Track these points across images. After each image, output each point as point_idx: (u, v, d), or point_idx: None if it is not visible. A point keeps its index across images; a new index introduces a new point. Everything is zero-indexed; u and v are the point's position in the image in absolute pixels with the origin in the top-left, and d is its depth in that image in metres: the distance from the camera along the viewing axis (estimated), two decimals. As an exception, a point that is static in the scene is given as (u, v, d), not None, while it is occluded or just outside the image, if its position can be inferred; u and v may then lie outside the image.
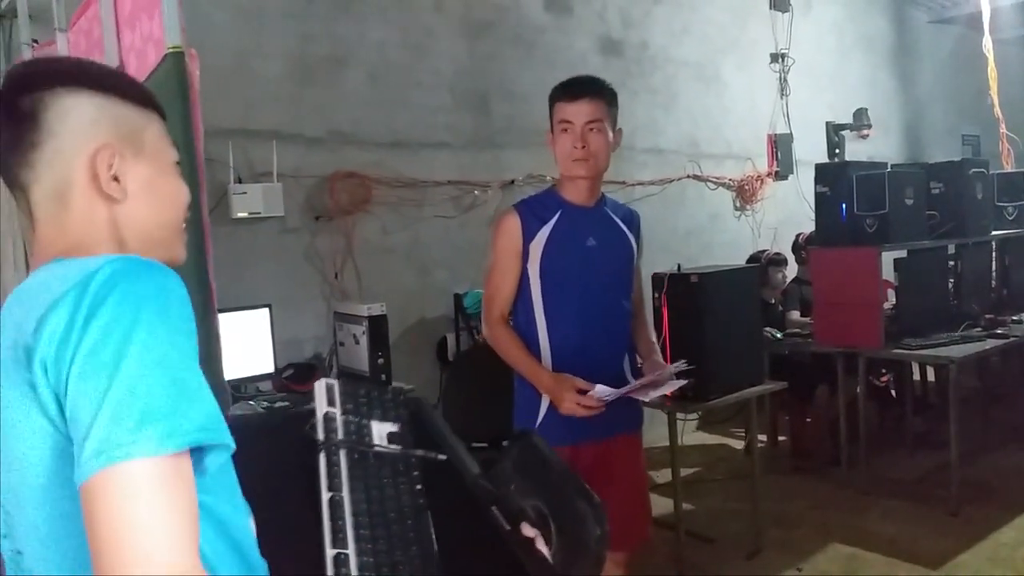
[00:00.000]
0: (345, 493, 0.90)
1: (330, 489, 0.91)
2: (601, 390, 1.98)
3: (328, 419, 1.00)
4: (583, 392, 1.98)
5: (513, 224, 2.13)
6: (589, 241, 2.14)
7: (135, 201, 0.87)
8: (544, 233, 2.12)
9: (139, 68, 1.77)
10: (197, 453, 0.73)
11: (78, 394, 0.70)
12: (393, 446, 0.99)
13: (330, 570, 0.83)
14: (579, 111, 2.08)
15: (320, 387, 1.06)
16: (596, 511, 1.06)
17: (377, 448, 0.98)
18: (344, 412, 1.02)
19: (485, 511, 1.01)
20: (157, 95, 0.95)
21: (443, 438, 1.05)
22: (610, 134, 2.12)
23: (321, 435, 0.97)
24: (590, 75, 2.19)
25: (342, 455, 0.94)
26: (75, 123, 0.84)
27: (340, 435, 0.97)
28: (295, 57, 3.70)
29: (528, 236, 2.12)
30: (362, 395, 1.08)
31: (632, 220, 2.27)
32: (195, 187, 1.57)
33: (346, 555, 0.83)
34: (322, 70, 3.78)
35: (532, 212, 2.15)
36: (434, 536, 0.91)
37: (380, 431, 1.01)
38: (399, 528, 0.88)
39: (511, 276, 2.15)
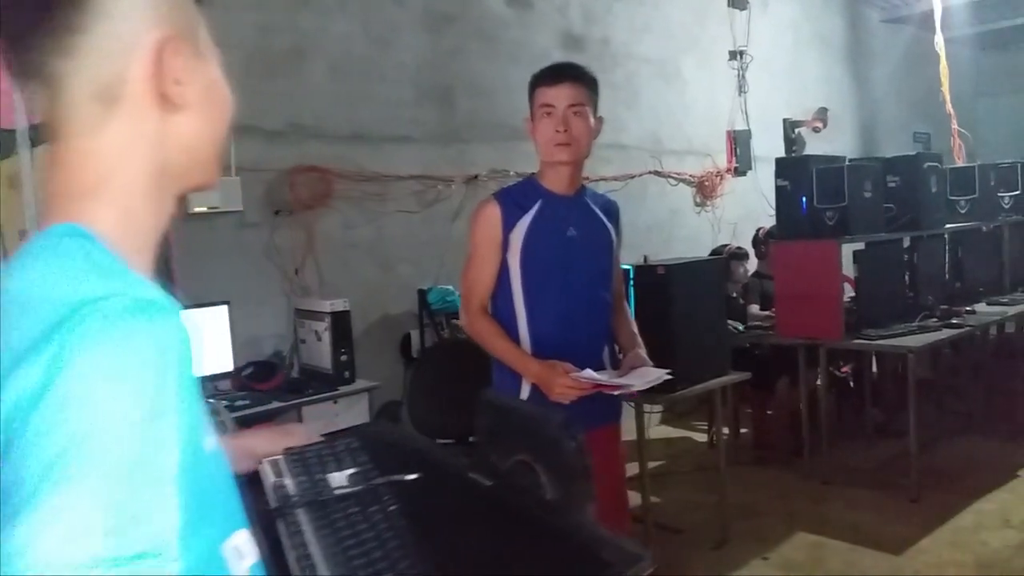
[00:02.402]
0: (313, 547, 0.86)
1: (294, 548, 0.86)
2: (589, 373, 1.96)
3: (278, 487, 0.97)
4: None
5: (493, 213, 2.09)
6: (570, 231, 2.12)
7: (189, 111, 0.73)
8: (525, 222, 2.09)
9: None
10: None
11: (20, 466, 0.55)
12: (355, 486, 0.96)
13: None
14: (561, 94, 2.05)
15: (264, 466, 1.03)
16: (562, 428, 1.04)
17: (337, 492, 0.94)
18: (295, 476, 0.99)
19: (489, 499, 0.98)
20: None
21: (418, 452, 1.03)
22: (592, 119, 2.11)
23: (275, 504, 0.93)
24: (572, 61, 2.18)
25: (300, 513, 0.91)
26: (132, 5, 0.69)
27: (295, 497, 0.94)
28: (255, 49, 3.61)
29: (508, 226, 2.08)
30: (309, 456, 1.05)
31: (611, 210, 2.25)
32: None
33: None
34: (283, 62, 3.71)
35: (513, 201, 2.12)
36: (418, 547, 0.87)
37: (339, 478, 0.98)
38: (380, 551, 0.85)
39: (491, 266, 2.11)
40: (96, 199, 0.68)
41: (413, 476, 0.97)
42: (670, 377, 2.14)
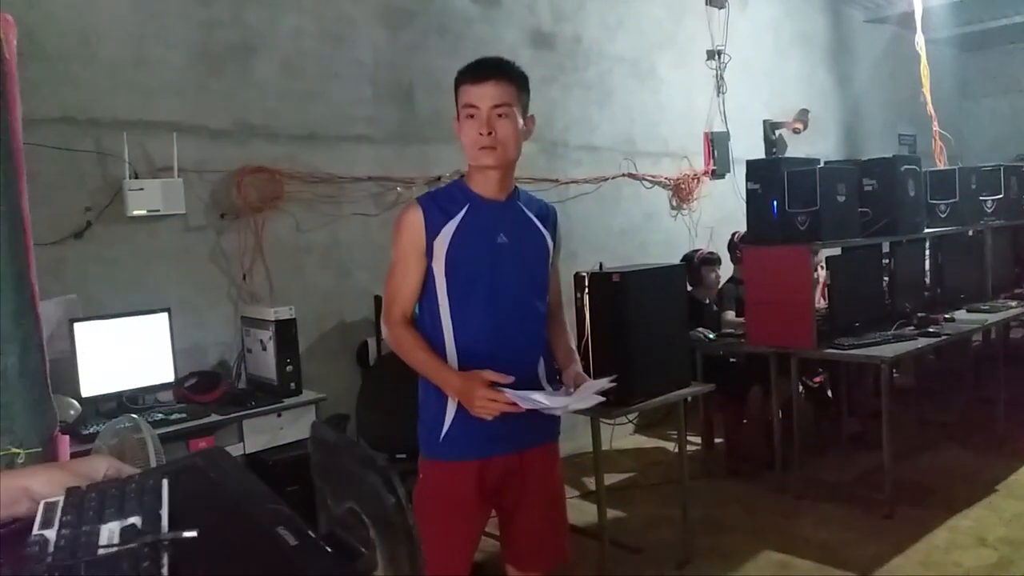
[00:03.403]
0: None
1: None
2: (515, 394, 1.82)
3: (34, 544, 0.80)
4: (496, 388, 1.82)
5: (415, 219, 1.95)
6: (500, 237, 1.97)
7: None
8: (450, 228, 1.94)
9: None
10: None
11: None
12: (123, 543, 0.79)
13: None
14: (485, 94, 1.90)
15: (40, 510, 0.87)
16: (383, 474, 0.89)
17: (100, 551, 0.78)
18: (62, 527, 0.83)
19: (284, 564, 0.83)
20: None
21: (232, 496, 0.88)
22: (520, 120, 1.95)
23: (24, 566, 0.77)
24: (498, 56, 2.01)
25: None
26: None
27: (46, 558, 0.77)
28: (199, 45, 3.46)
29: (432, 231, 1.94)
30: (92, 499, 0.89)
31: (548, 215, 2.10)
32: (9, 176, 1.36)
33: None
34: (229, 59, 3.55)
35: (437, 206, 1.97)
36: None
37: (110, 531, 0.82)
38: None
39: (413, 274, 1.97)
40: None
41: (191, 534, 0.81)
42: (613, 385, 1.99)
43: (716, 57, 5.98)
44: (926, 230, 4.71)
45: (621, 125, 5.35)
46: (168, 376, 3.20)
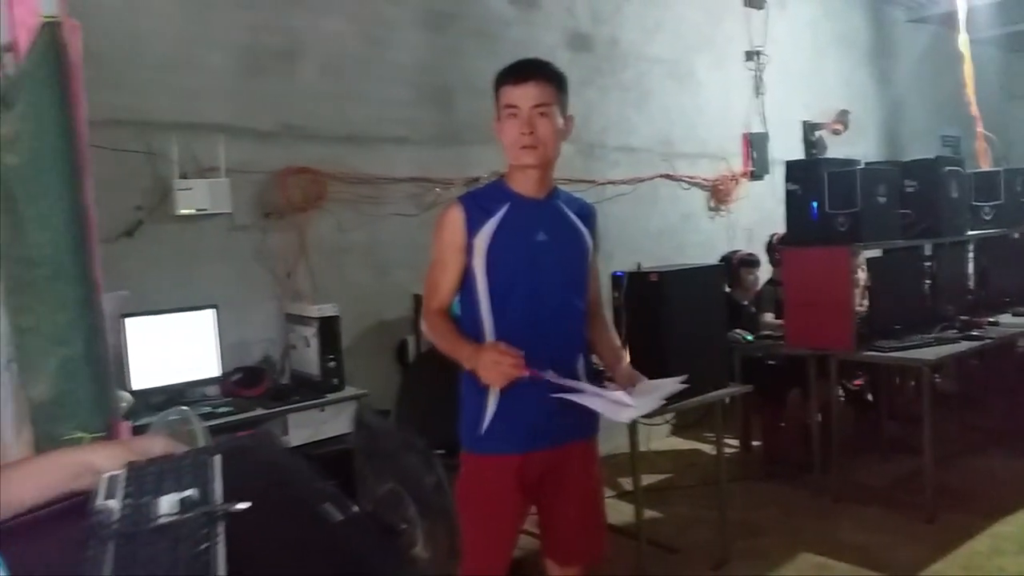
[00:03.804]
0: None
1: None
2: (553, 375, 1.85)
3: (98, 512, 0.86)
4: (533, 372, 1.84)
5: (456, 217, 2.00)
6: (539, 236, 2.01)
7: None
8: (490, 227, 1.99)
9: (29, 44, 1.62)
10: None
11: None
12: (179, 515, 0.85)
13: None
14: (526, 95, 1.94)
15: (102, 483, 0.93)
16: (424, 455, 0.93)
17: (159, 521, 0.84)
18: (123, 497, 0.88)
19: (329, 538, 0.87)
20: (34, 70, 0.76)
21: (280, 475, 0.93)
22: (559, 120, 1.99)
23: (87, 532, 0.83)
24: (538, 58, 2.06)
25: (108, 550, 0.80)
26: None
27: (111, 525, 0.83)
28: (244, 48, 3.55)
29: (473, 230, 1.99)
30: (151, 473, 0.94)
31: (587, 214, 2.13)
32: (76, 176, 1.43)
33: None
34: (274, 62, 3.64)
35: (477, 204, 2.02)
36: None
37: (168, 503, 0.87)
38: None
39: (452, 271, 2.02)
40: None
41: (244, 505, 0.86)
42: (685, 387, 2.01)
43: (755, 58, 5.95)
44: (969, 232, 4.64)
45: (659, 126, 5.35)
46: (215, 371, 3.29)
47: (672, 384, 1.98)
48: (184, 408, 2.88)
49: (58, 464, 1.01)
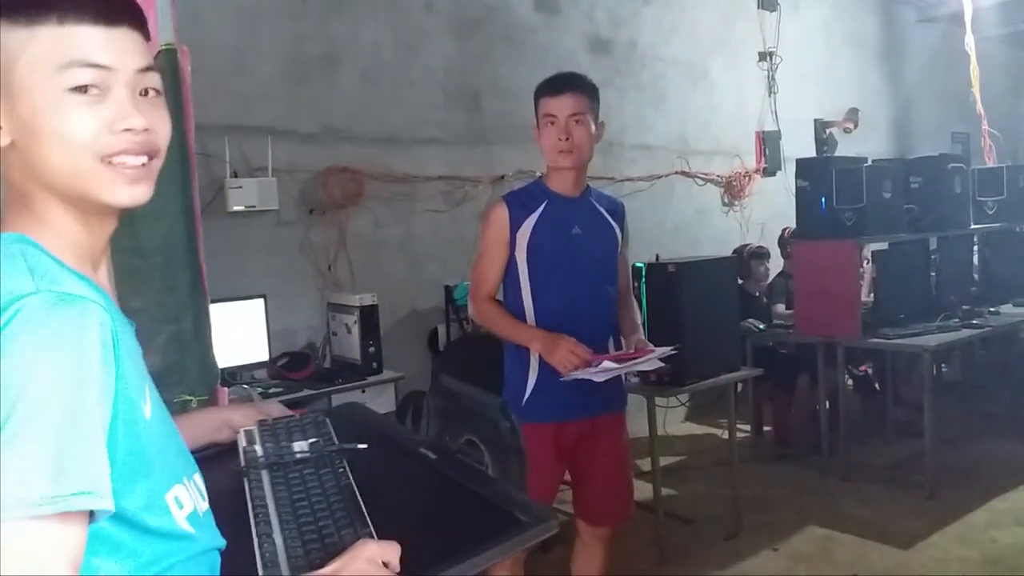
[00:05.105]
0: (269, 501, 1.01)
1: (253, 502, 1.00)
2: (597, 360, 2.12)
3: (248, 452, 1.13)
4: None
5: (501, 214, 2.26)
6: (574, 229, 2.27)
7: (19, 144, 0.79)
8: (531, 222, 2.25)
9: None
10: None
11: None
12: (313, 453, 1.13)
13: (260, 565, 0.89)
14: (563, 105, 2.20)
15: (240, 435, 1.20)
16: (500, 411, 1.19)
17: (298, 455, 1.12)
18: (264, 443, 1.17)
19: (429, 469, 1.14)
20: None
21: (378, 429, 1.20)
22: (593, 126, 2.25)
23: (243, 465, 1.10)
24: (572, 71, 2.32)
25: (264, 474, 1.07)
26: None
27: (259, 459, 1.11)
28: (290, 55, 3.82)
29: (515, 225, 2.25)
30: (279, 427, 1.22)
31: (617, 210, 2.39)
32: (187, 179, 1.70)
33: (271, 543, 0.92)
34: (316, 68, 3.90)
35: (519, 202, 2.29)
36: (364, 508, 0.99)
37: (301, 446, 1.15)
38: (326, 509, 0.99)
39: (498, 263, 2.28)
40: (24, 214, 0.82)
41: (363, 446, 1.14)
42: (675, 351, 2.29)
43: (768, 59, 6.16)
44: (973, 226, 4.85)
45: (674, 125, 5.59)
46: (263, 355, 3.56)
47: (665, 350, 2.25)
48: (245, 386, 3.17)
49: (207, 419, 1.28)
